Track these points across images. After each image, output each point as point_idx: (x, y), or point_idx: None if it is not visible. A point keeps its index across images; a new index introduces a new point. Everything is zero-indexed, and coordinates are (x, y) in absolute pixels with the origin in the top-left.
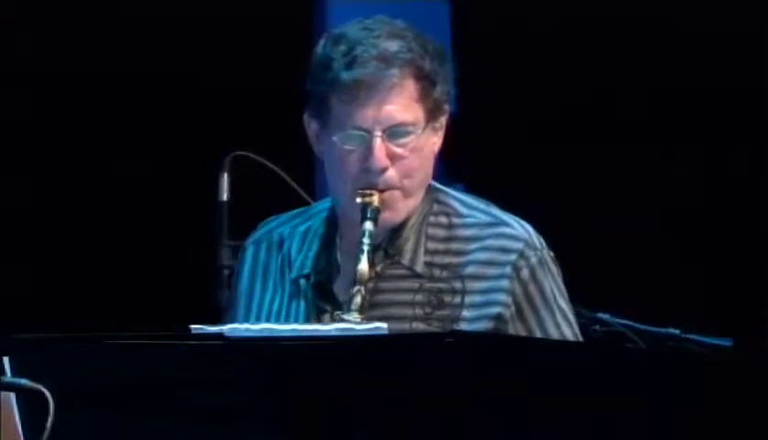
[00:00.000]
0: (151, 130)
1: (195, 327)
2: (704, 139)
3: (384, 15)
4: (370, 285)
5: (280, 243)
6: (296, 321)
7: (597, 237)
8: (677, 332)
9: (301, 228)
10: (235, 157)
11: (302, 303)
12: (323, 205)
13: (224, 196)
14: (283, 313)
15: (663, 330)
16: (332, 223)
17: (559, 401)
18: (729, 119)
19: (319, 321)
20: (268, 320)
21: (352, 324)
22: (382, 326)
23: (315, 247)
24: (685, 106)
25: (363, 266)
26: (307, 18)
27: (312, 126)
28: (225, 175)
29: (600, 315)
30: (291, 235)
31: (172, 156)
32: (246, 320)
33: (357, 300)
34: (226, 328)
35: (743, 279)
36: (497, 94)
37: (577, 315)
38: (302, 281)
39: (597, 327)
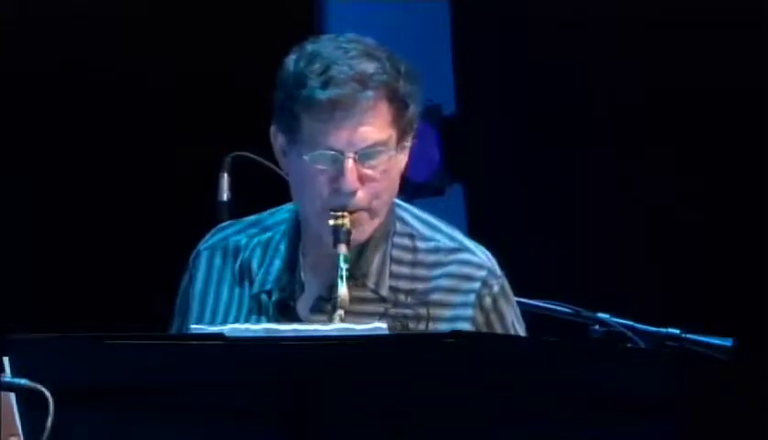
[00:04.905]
0: (151, 130)
1: (195, 327)
2: (704, 139)
3: (384, 15)
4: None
5: (236, 252)
6: None
7: (598, 237)
8: (677, 332)
9: (262, 240)
10: (235, 157)
11: (263, 319)
12: (280, 217)
13: (224, 196)
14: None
15: (663, 330)
16: (293, 238)
17: (559, 401)
18: (729, 120)
19: None
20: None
21: (352, 324)
22: (382, 326)
23: (277, 262)
24: (685, 106)
25: (343, 291)
26: (307, 18)
27: (279, 140)
28: (225, 175)
29: (600, 315)
30: (249, 246)
31: (172, 156)
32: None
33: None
34: (226, 328)
35: (743, 278)
36: (496, 94)
37: (577, 315)
38: (264, 297)
39: (597, 327)
